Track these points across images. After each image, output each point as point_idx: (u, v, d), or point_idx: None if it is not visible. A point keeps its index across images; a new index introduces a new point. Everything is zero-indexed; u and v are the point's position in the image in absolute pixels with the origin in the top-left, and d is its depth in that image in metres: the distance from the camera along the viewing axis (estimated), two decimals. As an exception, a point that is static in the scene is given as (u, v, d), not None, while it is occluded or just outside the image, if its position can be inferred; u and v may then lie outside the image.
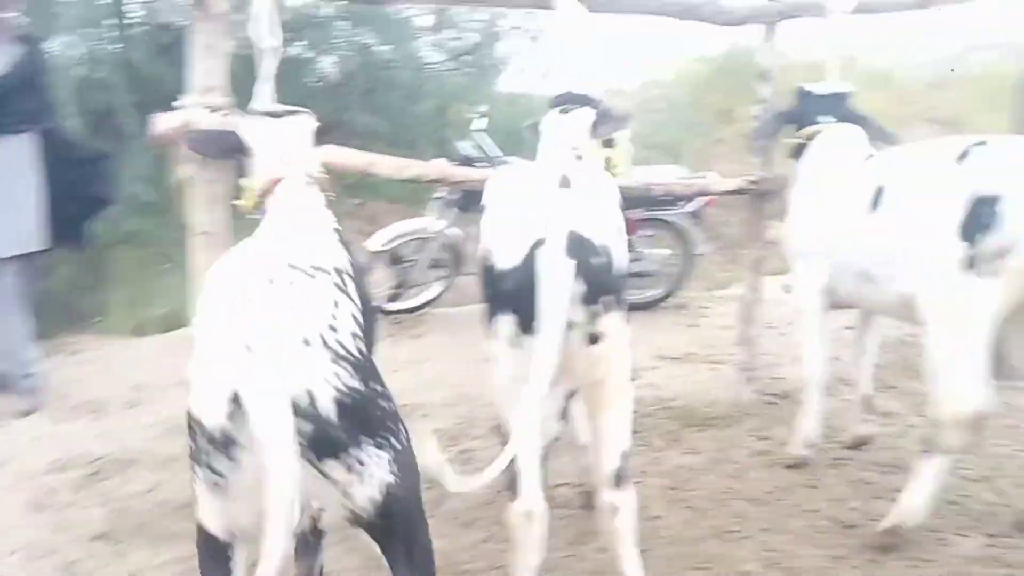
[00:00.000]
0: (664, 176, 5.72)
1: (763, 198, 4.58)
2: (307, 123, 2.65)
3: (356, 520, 1.97)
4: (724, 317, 6.09)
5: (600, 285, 2.41)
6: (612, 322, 2.47)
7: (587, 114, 3.38)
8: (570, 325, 2.34)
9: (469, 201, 5.71)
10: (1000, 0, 5.13)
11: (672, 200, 6.18)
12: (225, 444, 1.81)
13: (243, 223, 2.69)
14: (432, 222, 6.32)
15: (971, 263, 2.99)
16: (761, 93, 4.48)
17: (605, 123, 3.42)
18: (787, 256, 4.00)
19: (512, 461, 2.21)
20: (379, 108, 9.39)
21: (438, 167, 4.03)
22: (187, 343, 1.92)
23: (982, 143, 3.18)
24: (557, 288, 2.31)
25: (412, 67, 10.01)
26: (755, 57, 4.68)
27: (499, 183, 2.82)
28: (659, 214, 6.27)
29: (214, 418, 1.79)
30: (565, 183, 2.52)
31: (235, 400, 1.75)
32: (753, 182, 4.51)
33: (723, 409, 4.53)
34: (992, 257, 2.95)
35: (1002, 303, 3.00)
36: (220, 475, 1.85)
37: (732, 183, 4.66)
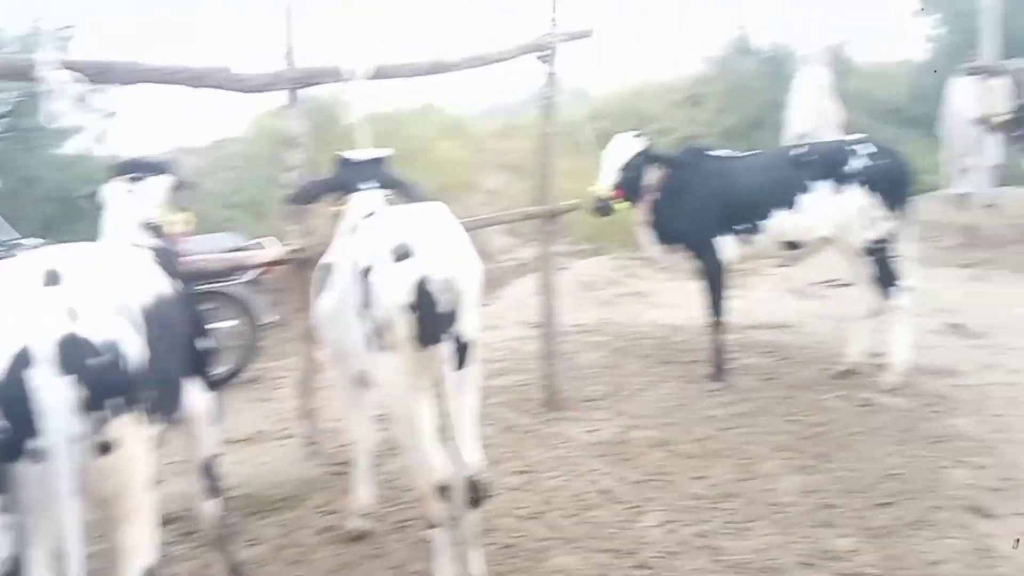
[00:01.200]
0: (211, 247, 5.40)
1: (306, 266, 4.46)
2: None
3: None
4: (298, 387, 5.91)
5: (104, 388, 2.17)
6: (124, 426, 2.25)
7: (164, 182, 3.15)
8: (70, 439, 2.09)
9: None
10: (563, 50, 5.37)
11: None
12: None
13: None
14: None
15: (370, 337, 2.94)
16: (291, 160, 4.35)
17: (183, 190, 3.24)
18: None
19: None
20: None
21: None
22: None
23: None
24: (53, 409, 2.06)
25: (-70, 134, 8.76)
26: (283, 123, 4.55)
27: None
28: (216, 287, 5.94)
29: None
30: (53, 279, 2.24)
31: None
32: (295, 251, 4.39)
33: (290, 489, 4.32)
34: (381, 330, 2.88)
35: (412, 374, 2.89)
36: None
37: (274, 253, 4.51)
